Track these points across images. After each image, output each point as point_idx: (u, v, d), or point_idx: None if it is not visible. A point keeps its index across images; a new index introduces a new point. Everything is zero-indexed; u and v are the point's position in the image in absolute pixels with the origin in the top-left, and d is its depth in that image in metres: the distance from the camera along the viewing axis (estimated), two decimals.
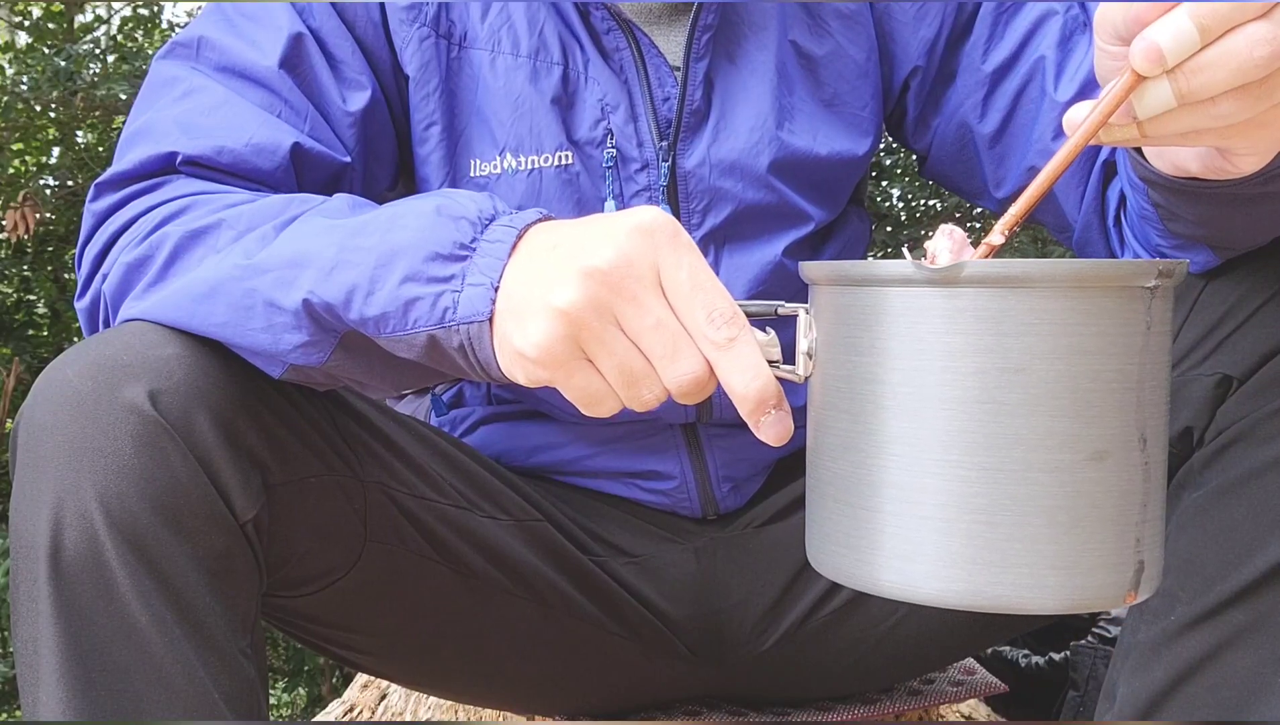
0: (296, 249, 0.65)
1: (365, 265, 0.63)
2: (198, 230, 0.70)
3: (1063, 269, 0.48)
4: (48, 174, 3.71)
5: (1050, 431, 0.48)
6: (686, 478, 0.96)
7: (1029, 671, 1.49)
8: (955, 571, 0.49)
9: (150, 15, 3.98)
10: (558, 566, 0.91)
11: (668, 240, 0.56)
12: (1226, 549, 0.71)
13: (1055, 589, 0.49)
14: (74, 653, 0.63)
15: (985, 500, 0.48)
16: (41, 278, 3.86)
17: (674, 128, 0.86)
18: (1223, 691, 0.70)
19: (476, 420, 1.01)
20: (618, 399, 0.58)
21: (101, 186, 0.77)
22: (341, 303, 0.63)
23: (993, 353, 0.48)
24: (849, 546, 0.53)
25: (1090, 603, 0.50)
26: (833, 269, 0.54)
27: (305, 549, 0.76)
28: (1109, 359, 0.49)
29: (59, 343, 3.80)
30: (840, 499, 0.54)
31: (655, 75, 0.86)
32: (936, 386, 0.49)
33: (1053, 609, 0.50)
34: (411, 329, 0.62)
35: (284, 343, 0.66)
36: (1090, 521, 0.49)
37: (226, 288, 0.66)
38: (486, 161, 0.87)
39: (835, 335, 0.54)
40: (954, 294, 0.49)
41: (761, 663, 0.97)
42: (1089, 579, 0.49)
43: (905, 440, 0.50)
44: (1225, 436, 0.73)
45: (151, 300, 0.70)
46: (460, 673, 0.95)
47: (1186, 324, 0.76)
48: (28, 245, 3.77)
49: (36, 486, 0.64)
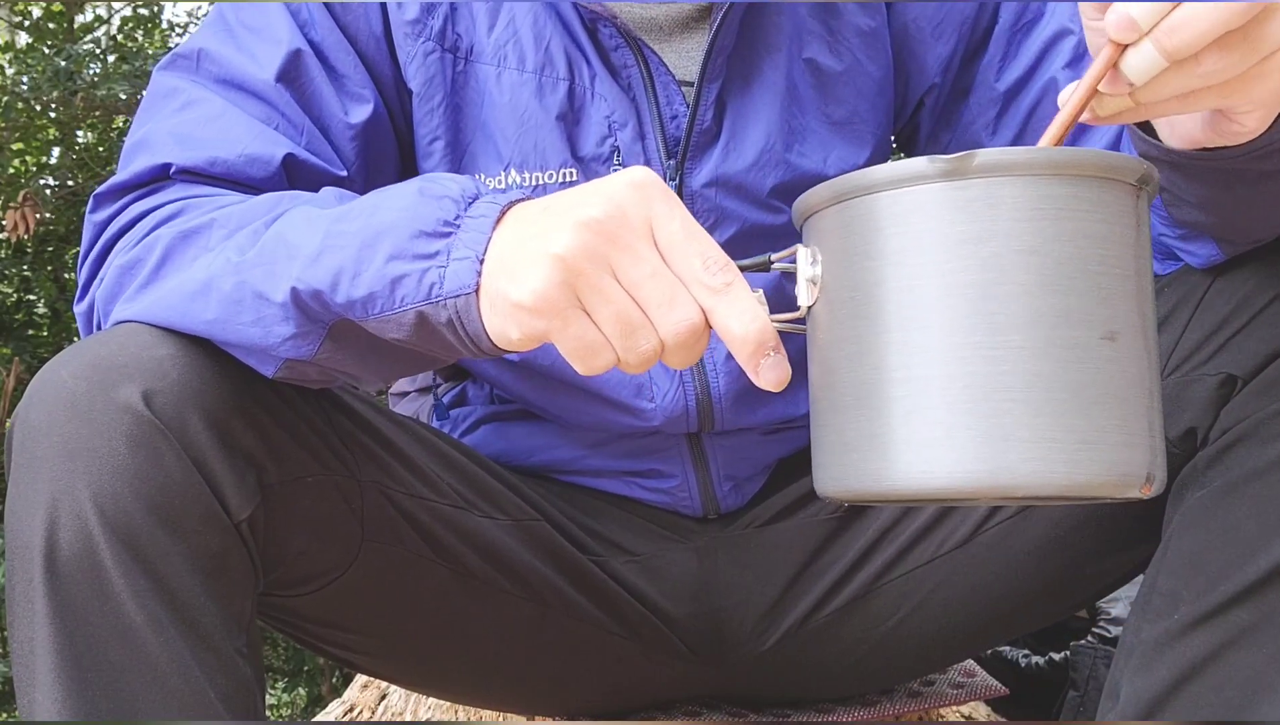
0: (284, 241, 0.66)
1: (350, 248, 0.63)
2: (189, 230, 0.70)
3: (1063, 155, 0.52)
4: (48, 174, 3.71)
5: (1068, 309, 0.50)
6: (688, 477, 0.95)
7: (1029, 671, 1.49)
8: (985, 450, 0.50)
9: (150, 15, 3.98)
10: (556, 566, 0.90)
11: (660, 194, 0.57)
12: (1230, 548, 0.70)
13: (1079, 464, 0.50)
14: (69, 653, 0.63)
15: (1012, 378, 0.50)
16: (41, 278, 3.86)
17: (682, 147, 0.86)
18: (1227, 691, 0.69)
19: (477, 419, 1.01)
20: (613, 351, 0.58)
21: (100, 197, 0.77)
22: (329, 287, 0.63)
23: (1008, 237, 0.51)
24: (871, 450, 0.54)
25: (1114, 482, 0.51)
26: (838, 184, 0.55)
27: (302, 548, 0.76)
28: (1111, 245, 0.51)
29: (59, 343, 3.80)
30: (861, 405, 0.54)
31: (664, 93, 0.85)
32: (958, 272, 0.51)
33: (1076, 488, 0.51)
34: (399, 307, 0.62)
35: (273, 335, 0.66)
36: (1110, 399, 0.51)
37: (218, 284, 0.67)
38: (491, 177, 0.86)
39: (844, 248, 0.55)
40: (965, 185, 0.51)
41: (762, 663, 0.97)
42: (1113, 455, 0.51)
43: (928, 329, 0.52)
44: (1229, 436, 0.73)
45: (143, 301, 0.70)
46: (458, 673, 0.95)
47: (1191, 323, 0.76)
48: (28, 245, 3.77)
49: (31, 487, 0.64)
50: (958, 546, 0.89)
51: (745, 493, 0.98)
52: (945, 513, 0.90)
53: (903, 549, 0.91)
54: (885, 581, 0.92)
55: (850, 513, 0.94)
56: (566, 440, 0.97)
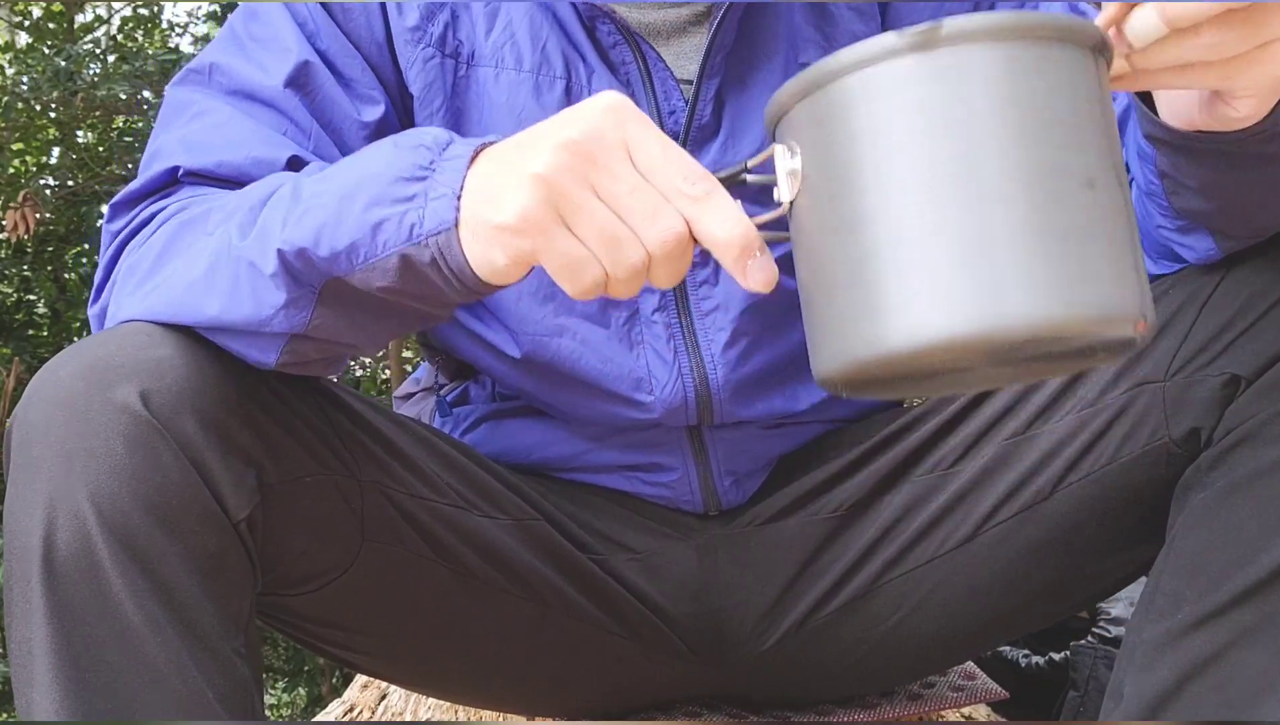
0: (274, 211, 0.67)
1: (330, 203, 0.64)
2: (190, 220, 0.72)
3: (1028, 18, 0.54)
4: (48, 174, 3.72)
5: (1048, 161, 0.52)
6: (688, 471, 0.95)
7: (1029, 671, 1.49)
8: (980, 296, 0.51)
9: (150, 15, 3.99)
10: (556, 566, 0.90)
11: (633, 115, 0.58)
12: (1233, 548, 0.70)
13: (1074, 301, 0.51)
14: (67, 653, 0.63)
15: (1000, 230, 0.51)
16: (41, 278, 3.87)
17: (682, 140, 0.86)
18: (1229, 691, 0.69)
19: (478, 417, 1.01)
20: (600, 267, 0.59)
21: (116, 206, 0.79)
22: (312, 242, 0.64)
23: (983, 99, 0.52)
24: (866, 318, 0.54)
25: (1109, 316, 0.52)
26: (806, 76, 0.56)
27: (301, 548, 0.76)
28: (1081, 100, 0.54)
29: (59, 343, 3.81)
30: (854, 281, 0.54)
31: (661, 89, 0.86)
32: (937, 139, 0.52)
33: (1073, 324, 0.52)
34: (383, 253, 0.63)
35: (266, 306, 0.67)
36: (1097, 240, 0.52)
37: (217, 265, 0.68)
38: None
39: (821, 136, 0.56)
40: (935, 56, 0.53)
41: (762, 663, 0.97)
42: (1105, 290, 0.52)
43: (913, 198, 0.53)
44: (1232, 437, 0.73)
45: (146, 291, 0.71)
46: (458, 673, 0.95)
47: (1197, 324, 0.76)
48: (28, 245, 3.78)
49: (30, 487, 0.64)
50: (958, 546, 0.89)
51: (746, 489, 0.98)
52: (947, 511, 0.90)
53: (903, 548, 0.91)
54: (885, 581, 0.92)
55: (850, 512, 0.93)
56: (567, 435, 0.97)
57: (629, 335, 0.89)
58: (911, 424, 0.93)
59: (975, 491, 0.88)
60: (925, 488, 0.90)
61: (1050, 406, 0.85)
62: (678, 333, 0.89)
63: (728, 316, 0.89)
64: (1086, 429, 0.83)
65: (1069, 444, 0.84)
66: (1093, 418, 0.83)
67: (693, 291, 0.89)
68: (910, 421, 0.93)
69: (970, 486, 0.88)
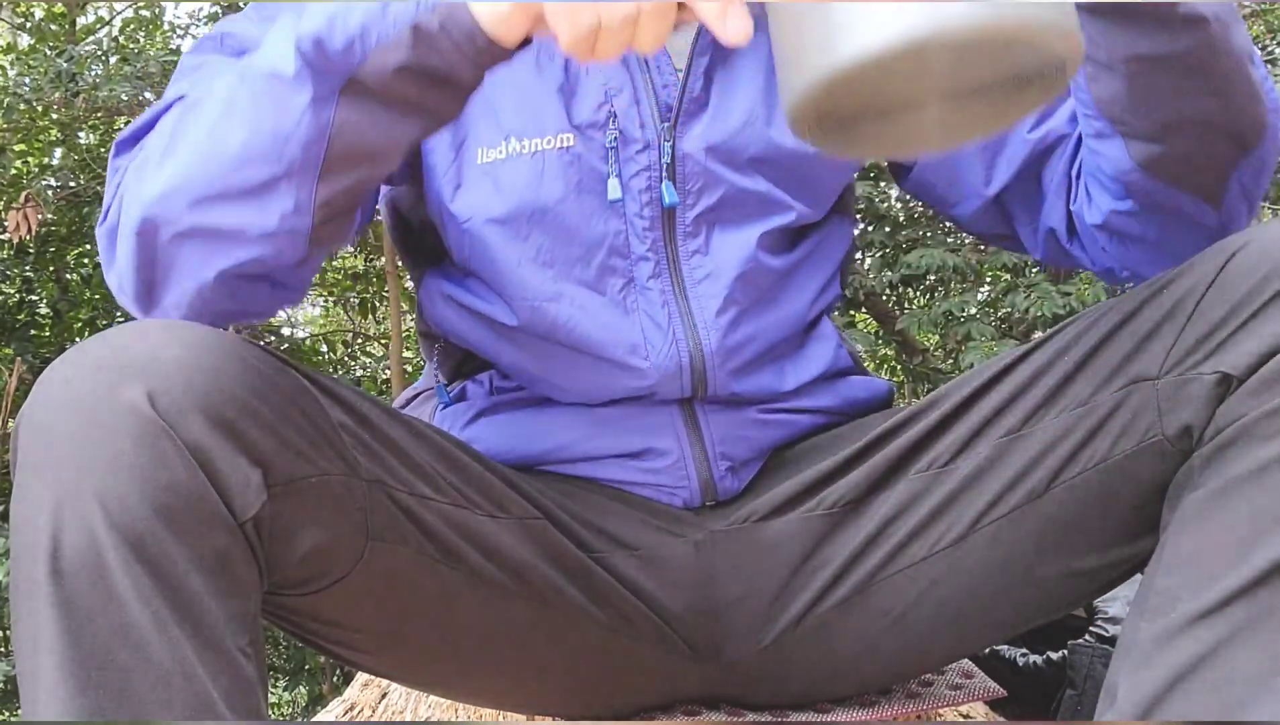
0: (280, 30, 0.74)
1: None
2: (194, 100, 0.78)
3: None
4: (50, 175, 3.72)
5: None
6: (684, 453, 0.97)
7: (1026, 670, 1.49)
8: (928, 6, 0.55)
9: (152, 17, 3.99)
10: (557, 565, 0.91)
11: None
12: (1226, 547, 0.71)
13: (1013, 7, 0.55)
14: (73, 652, 0.63)
15: None
16: (44, 278, 3.87)
17: (675, 112, 0.92)
18: (1224, 689, 0.70)
19: (477, 412, 1.03)
20: (595, 13, 0.65)
21: (121, 143, 0.84)
22: (326, 29, 0.71)
23: None
24: (826, 36, 0.57)
25: (1049, 24, 0.56)
26: None
27: (307, 548, 0.76)
28: None
29: (61, 343, 3.81)
30: (813, 9, 0.58)
31: (655, 63, 0.93)
32: None
33: (1012, 27, 0.55)
34: (394, 28, 0.70)
35: (292, 111, 0.72)
36: None
37: (234, 98, 0.74)
38: (492, 149, 0.92)
39: None
40: None
41: (760, 660, 0.97)
42: (1044, 4, 0.56)
43: None
44: (1224, 436, 0.73)
45: (162, 170, 0.75)
46: (460, 671, 0.95)
47: (1189, 324, 0.77)
48: (30, 246, 3.78)
49: (36, 488, 0.65)
50: (953, 543, 0.90)
51: (742, 477, 0.99)
52: (942, 508, 0.90)
53: (899, 545, 0.91)
54: (881, 578, 0.92)
55: (846, 508, 0.94)
56: (563, 424, 0.98)
57: (624, 302, 0.94)
58: (905, 422, 0.94)
59: (970, 489, 0.89)
60: (920, 485, 0.91)
61: (1044, 405, 0.86)
62: (671, 300, 0.94)
63: (719, 285, 0.94)
64: (1080, 426, 0.84)
65: (1063, 441, 0.85)
66: (1086, 415, 0.83)
67: (685, 261, 0.94)
68: (904, 419, 0.94)
69: (965, 484, 0.89)
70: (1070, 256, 0.99)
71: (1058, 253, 1.00)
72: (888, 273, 3.71)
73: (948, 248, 3.46)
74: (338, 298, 4.96)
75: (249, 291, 0.79)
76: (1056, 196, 0.96)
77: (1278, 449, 0.70)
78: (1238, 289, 0.74)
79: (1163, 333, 0.78)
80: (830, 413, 1.03)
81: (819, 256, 1.02)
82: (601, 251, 0.93)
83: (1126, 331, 0.82)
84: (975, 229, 1.07)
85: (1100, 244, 0.94)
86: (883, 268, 3.79)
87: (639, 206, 0.93)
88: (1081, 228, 0.95)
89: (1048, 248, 1.00)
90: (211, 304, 0.78)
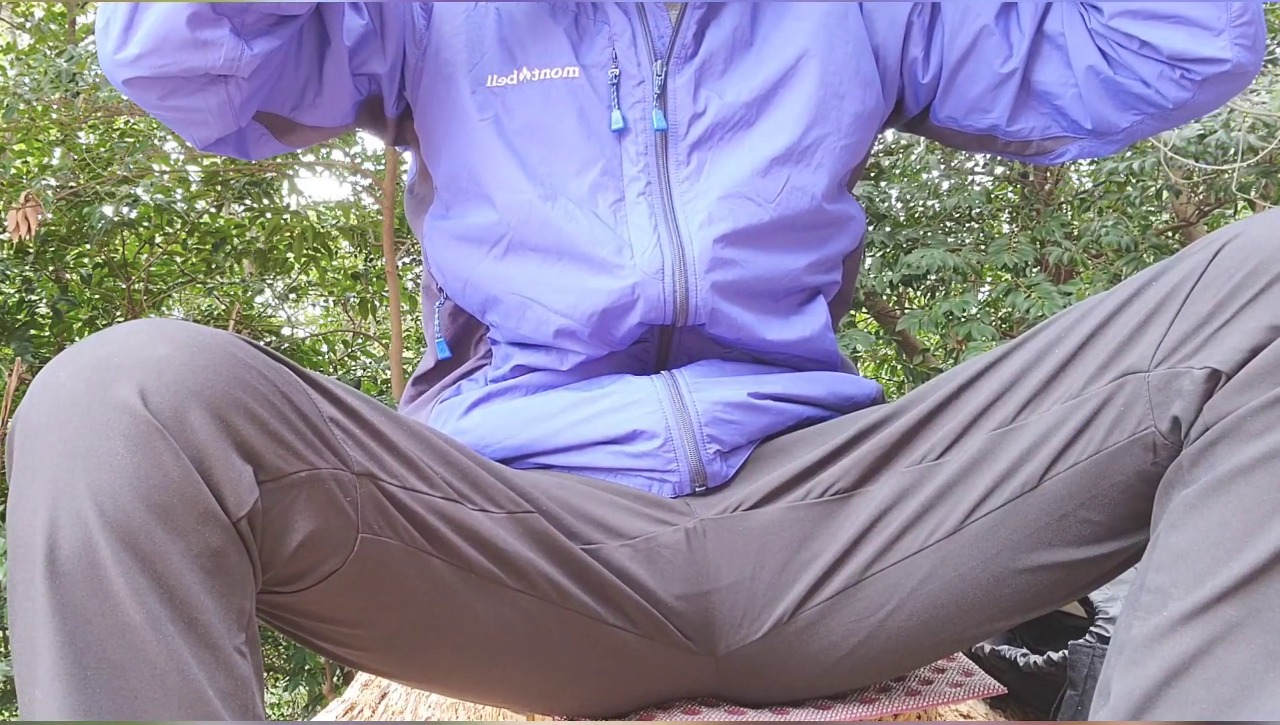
0: None
1: None
2: None
3: None
4: (49, 175, 3.72)
5: None
6: (671, 433, 0.98)
7: (1027, 670, 1.49)
8: None
9: None
10: (550, 558, 0.91)
11: None
12: (1217, 544, 0.71)
13: None
14: (70, 652, 0.63)
15: None
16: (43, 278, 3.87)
17: (667, 52, 1.07)
18: (1216, 687, 0.70)
19: (470, 404, 1.06)
20: None
21: None
22: None
23: None
24: None
25: None
26: None
27: (299, 544, 0.76)
28: None
29: (60, 343, 3.81)
30: None
31: (652, 16, 1.08)
32: None
33: None
34: None
35: None
36: None
37: None
38: (504, 76, 1.07)
39: None
40: None
41: (756, 653, 0.97)
42: None
43: None
44: (1212, 433, 0.73)
45: None
46: (456, 667, 0.95)
47: (1178, 318, 0.77)
48: (29, 246, 3.78)
49: (32, 487, 0.65)
50: (946, 537, 0.90)
51: (731, 463, 1.00)
52: (934, 502, 0.90)
53: (892, 539, 0.91)
54: (874, 572, 0.92)
55: (836, 498, 0.94)
56: (552, 411, 1.02)
57: (614, 214, 1.03)
58: (896, 413, 0.95)
59: (963, 482, 0.89)
60: (913, 478, 0.91)
61: (1035, 397, 0.86)
62: (659, 213, 1.03)
63: (705, 202, 1.03)
64: (1072, 419, 0.84)
65: (1055, 434, 0.85)
66: (1078, 408, 0.83)
67: (676, 186, 1.04)
68: (894, 410, 0.95)
69: (958, 477, 0.89)
70: (1126, 91, 1.04)
71: (1112, 91, 1.05)
72: (888, 273, 3.71)
73: (948, 248, 3.46)
74: (338, 298, 4.96)
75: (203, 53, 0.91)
76: (1074, 32, 1.04)
77: (1266, 445, 0.70)
78: (1226, 282, 0.75)
79: (1153, 325, 0.79)
80: (818, 405, 1.05)
81: (818, 230, 1.09)
82: (594, 170, 1.04)
83: (1117, 324, 0.82)
84: (1026, 134, 1.12)
85: (1135, 46, 1.00)
86: (883, 268, 3.80)
87: (634, 135, 1.05)
88: (1111, 49, 1.02)
89: (1098, 96, 1.06)
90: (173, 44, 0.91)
